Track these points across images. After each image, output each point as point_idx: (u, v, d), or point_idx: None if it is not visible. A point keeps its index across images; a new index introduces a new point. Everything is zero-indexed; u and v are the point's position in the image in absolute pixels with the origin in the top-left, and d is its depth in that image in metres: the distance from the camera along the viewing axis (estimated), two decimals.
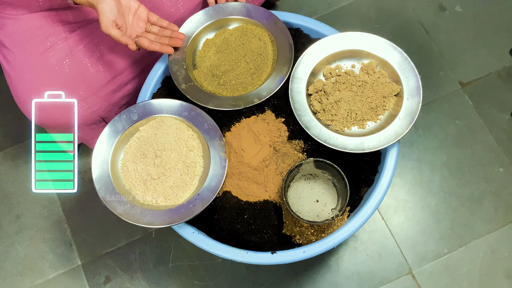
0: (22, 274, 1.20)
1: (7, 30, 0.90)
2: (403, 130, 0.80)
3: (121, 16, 0.79)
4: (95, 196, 0.80)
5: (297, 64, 0.87)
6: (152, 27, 0.85)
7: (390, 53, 0.86)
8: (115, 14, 0.77)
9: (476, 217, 1.18)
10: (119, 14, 0.78)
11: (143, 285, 1.18)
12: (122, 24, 0.79)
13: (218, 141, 0.82)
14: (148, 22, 0.85)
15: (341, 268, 1.16)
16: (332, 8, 1.41)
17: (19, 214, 1.25)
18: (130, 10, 0.82)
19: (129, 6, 0.82)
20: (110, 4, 0.76)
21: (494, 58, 1.32)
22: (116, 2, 0.77)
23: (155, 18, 0.86)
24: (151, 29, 0.85)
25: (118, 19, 0.78)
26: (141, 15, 0.84)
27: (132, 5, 0.82)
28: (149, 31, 0.85)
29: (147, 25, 0.85)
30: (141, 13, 0.84)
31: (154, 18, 0.85)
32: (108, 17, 0.76)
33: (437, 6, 1.39)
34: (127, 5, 0.82)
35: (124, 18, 0.80)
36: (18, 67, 0.89)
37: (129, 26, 0.82)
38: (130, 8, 0.82)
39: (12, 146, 1.32)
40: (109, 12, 0.76)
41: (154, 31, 0.86)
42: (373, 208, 0.79)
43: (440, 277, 1.14)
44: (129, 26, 0.82)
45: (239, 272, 1.17)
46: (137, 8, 0.83)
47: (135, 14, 0.83)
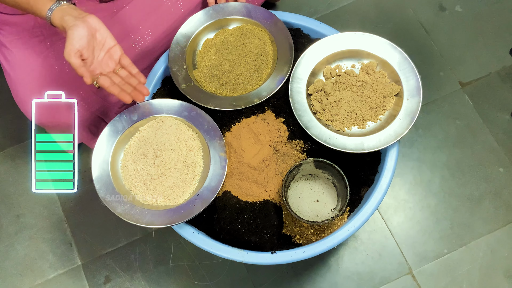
0: (22, 274, 1.20)
1: (7, 30, 0.90)
2: (403, 130, 0.80)
3: (90, 49, 0.75)
4: (95, 196, 0.80)
5: (297, 64, 0.87)
6: (121, 71, 0.80)
7: (390, 53, 0.86)
8: (83, 44, 0.73)
9: (476, 217, 1.18)
10: (88, 46, 0.74)
11: (143, 285, 1.18)
12: (88, 56, 0.75)
13: (218, 141, 0.82)
14: (118, 64, 0.80)
15: (341, 268, 1.16)
16: (332, 8, 1.41)
17: (19, 214, 1.25)
18: (103, 46, 0.78)
19: (103, 42, 0.77)
20: (80, 33, 0.72)
21: (494, 58, 1.32)
22: (88, 33, 0.73)
23: (127, 62, 0.80)
24: (119, 72, 0.80)
25: (84, 50, 0.74)
26: (113, 54, 0.79)
27: (107, 42, 0.78)
28: (117, 73, 0.80)
29: (116, 66, 0.80)
30: (114, 52, 0.79)
31: (126, 61, 0.80)
32: (73, 44, 0.72)
33: (437, 6, 1.39)
34: (102, 41, 0.77)
35: (93, 52, 0.76)
36: (18, 67, 0.89)
37: (96, 61, 0.77)
38: (105, 44, 0.78)
39: (12, 146, 1.32)
40: (76, 40, 0.72)
41: (121, 75, 0.80)
42: (373, 208, 0.79)
43: (440, 277, 1.14)
44: (96, 62, 0.77)
45: (239, 272, 1.17)
46: (112, 47, 0.78)
47: (107, 52, 0.78)
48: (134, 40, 0.93)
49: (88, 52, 0.75)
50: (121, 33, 0.92)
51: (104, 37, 0.77)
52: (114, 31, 0.92)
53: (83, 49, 0.73)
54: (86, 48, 0.74)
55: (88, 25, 0.74)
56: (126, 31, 0.93)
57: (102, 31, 0.76)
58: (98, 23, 0.75)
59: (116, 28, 0.92)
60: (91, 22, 0.74)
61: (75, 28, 0.72)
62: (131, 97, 0.77)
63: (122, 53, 0.79)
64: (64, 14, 0.74)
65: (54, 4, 0.75)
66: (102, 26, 0.76)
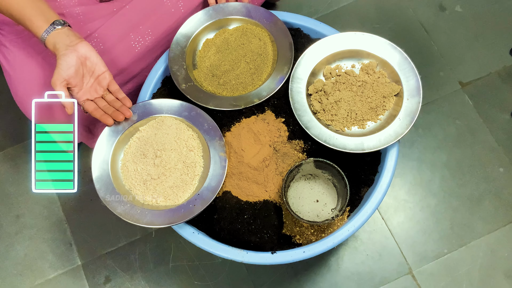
0: (22, 274, 1.20)
1: (7, 30, 0.90)
2: (403, 130, 0.80)
3: (78, 77, 0.77)
4: (95, 196, 0.80)
5: (297, 64, 0.87)
6: (107, 95, 0.82)
7: (390, 53, 0.86)
8: (70, 73, 0.75)
9: (476, 217, 1.18)
10: (76, 74, 0.76)
11: (143, 285, 1.18)
12: (77, 84, 0.77)
13: (218, 141, 0.82)
14: (106, 90, 0.82)
15: (341, 268, 1.16)
16: (332, 8, 1.41)
17: (19, 214, 1.25)
18: (93, 73, 0.79)
19: (93, 69, 0.79)
20: (69, 62, 0.74)
21: (494, 58, 1.32)
22: (76, 62, 0.75)
23: (115, 88, 0.82)
24: (106, 97, 0.82)
25: (72, 79, 0.75)
26: (102, 81, 0.80)
27: (97, 69, 0.79)
28: (103, 97, 0.82)
29: (104, 92, 0.82)
30: (103, 78, 0.80)
31: (114, 87, 0.82)
32: (61, 74, 0.74)
33: (437, 6, 1.39)
34: (92, 68, 0.78)
35: (82, 79, 0.78)
36: (18, 66, 0.89)
37: (85, 87, 0.79)
38: (94, 71, 0.79)
39: (12, 146, 1.32)
40: (64, 70, 0.74)
41: (107, 99, 0.82)
42: (373, 208, 0.79)
43: (440, 277, 1.14)
44: (85, 88, 0.79)
45: (239, 272, 1.17)
46: (101, 74, 0.80)
47: (97, 79, 0.80)
48: (134, 40, 0.93)
49: (76, 80, 0.77)
50: (121, 32, 0.92)
51: (94, 64, 0.79)
52: (114, 30, 0.92)
53: (70, 78, 0.75)
54: (74, 77, 0.76)
55: (78, 54, 0.75)
56: (126, 31, 0.93)
57: (92, 58, 0.78)
58: (89, 50, 0.77)
59: (116, 27, 0.92)
60: (82, 51, 0.76)
61: (64, 58, 0.74)
62: (111, 119, 0.80)
63: (111, 79, 0.81)
64: (56, 41, 0.75)
65: (49, 28, 0.76)
66: (93, 53, 0.78)
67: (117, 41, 0.92)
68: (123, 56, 0.94)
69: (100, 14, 0.94)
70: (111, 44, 0.92)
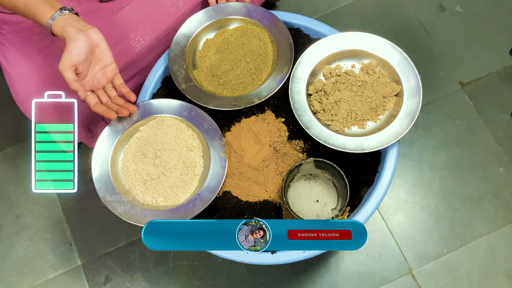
0: (22, 274, 1.21)
1: (6, 29, 0.90)
2: (403, 130, 0.80)
3: (86, 63, 0.74)
4: (95, 196, 0.80)
5: (297, 64, 0.87)
6: (111, 90, 0.80)
7: (390, 53, 0.86)
8: (80, 59, 0.72)
9: (476, 217, 1.18)
10: (85, 61, 0.73)
11: (143, 285, 1.18)
12: (83, 71, 0.74)
13: (218, 141, 0.82)
14: (109, 82, 0.79)
15: (341, 268, 1.16)
16: (332, 8, 1.41)
17: (19, 214, 1.25)
18: (100, 62, 0.76)
19: (100, 58, 0.76)
20: (80, 47, 0.71)
21: (494, 58, 1.32)
22: (87, 48, 0.72)
23: (119, 82, 0.79)
24: (109, 91, 0.79)
25: (80, 65, 0.72)
26: (107, 73, 0.78)
27: (104, 59, 0.77)
28: (106, 92, 0.79)
29: (107, 85, 0.79)
30: (110, 70, 0.78)
31: (118, 81, 0.79)
32: (70, 58, 0.71)
33: (437, 6, 1.39)
34: (99, 57, 0.76)
35: (88, 67, 0.75)
36: (17, 66, 0.89)
37: (90, 76, 0.76)
38: (101, 61, 0.76)
39: (12, 146, 1.32)
40: (74, 54, 0.71)
41: (110, 95, 0.79)
42: (373, 208, 0.79)
43: (440, 277, 1.14)
44: (90, 76, 0.76)
45: (239, 272, 1.17)
46: (108, 65, 0.77)
47: (102, 69, 0.77)
48: (134, 40, 0.93)
49: (83, 67, 0.74)
50: (121, 32, 0.92)
51: (103, 53, 0.76)
52: (114, 30, 0.92)
53: (79, 64, 0.72)
54: (82, 63, 0.73)
55: (89, 40, 0.72)
56: (126, 31, 0.93)
57: (102, 47, 0.75)
58: (100, 38, 0.74)
59: (116, 27, 0.92)
60: (93, 37, 0.73)
61: (76, 42, 0.71)
62: (115, 113, 0.76)
63: (117, 72, 0.79)
64: (66, 24, 0.72)
65: (57, 13, 0.73)
66: (103, 41, 0.75)
67: (117, 41, 0.92)
68: (123, 56, 0.94)
69: (100, 14, 0.94)
70: (111, 43, 0.92)
